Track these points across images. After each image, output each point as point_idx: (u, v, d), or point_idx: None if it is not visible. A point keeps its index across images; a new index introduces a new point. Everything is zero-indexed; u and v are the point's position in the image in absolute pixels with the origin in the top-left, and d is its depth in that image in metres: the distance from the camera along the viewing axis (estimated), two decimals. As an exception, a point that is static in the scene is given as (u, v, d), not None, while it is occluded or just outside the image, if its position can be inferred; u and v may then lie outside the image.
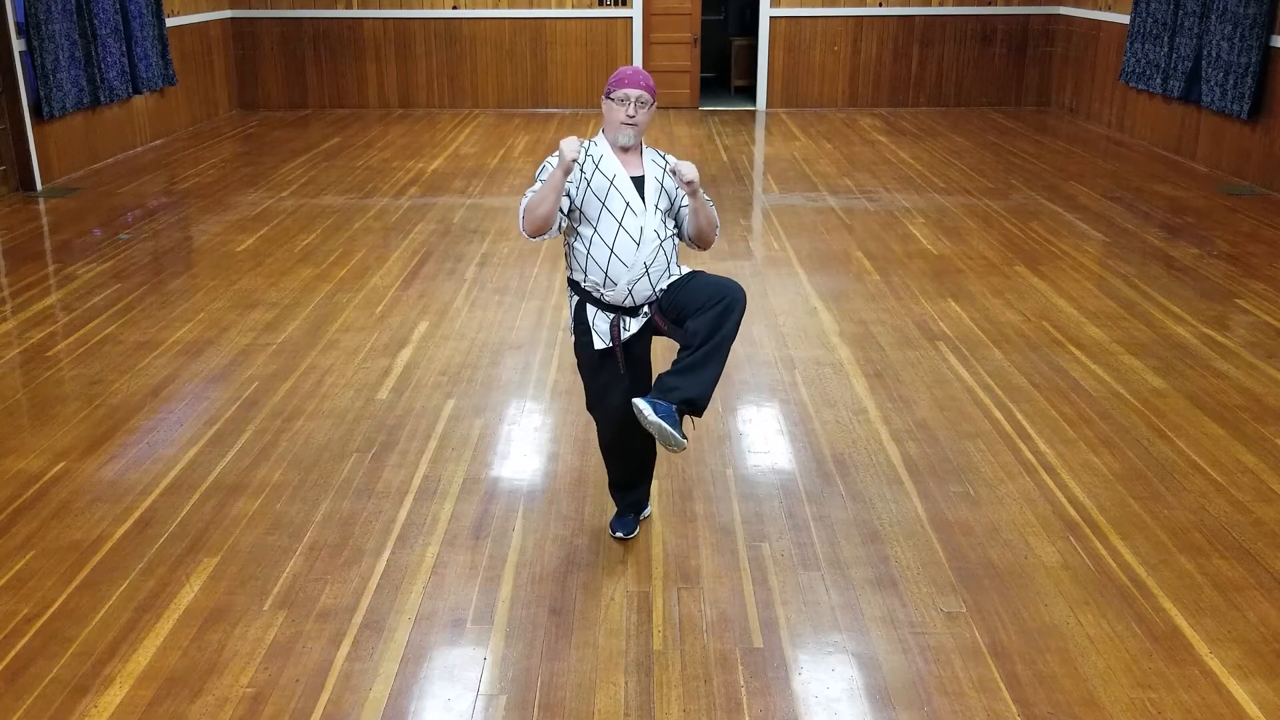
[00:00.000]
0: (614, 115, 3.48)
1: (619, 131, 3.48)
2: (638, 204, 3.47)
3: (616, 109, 3.47)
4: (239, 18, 13.43)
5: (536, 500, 4.10)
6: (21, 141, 9.06)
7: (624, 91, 3.45)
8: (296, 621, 3.37)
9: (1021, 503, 4.08)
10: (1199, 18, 9.92)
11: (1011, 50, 13.61)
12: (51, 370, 5.36)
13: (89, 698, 3.04)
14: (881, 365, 5.38)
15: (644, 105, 3.47)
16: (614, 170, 3.49)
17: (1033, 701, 3.02)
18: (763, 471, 4.34)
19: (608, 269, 3.47)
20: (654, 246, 3.46)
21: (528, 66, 13.65)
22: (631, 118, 3.46)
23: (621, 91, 3.46)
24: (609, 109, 3.49)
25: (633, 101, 3.45)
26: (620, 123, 3.47)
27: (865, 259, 7.21)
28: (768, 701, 3.02)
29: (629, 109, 3.45)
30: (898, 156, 10.69)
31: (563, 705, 3.01)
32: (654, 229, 3.47)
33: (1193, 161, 10.18)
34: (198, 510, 4.03)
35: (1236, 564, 3.68)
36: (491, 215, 8.43)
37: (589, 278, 3.52)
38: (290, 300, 6.37)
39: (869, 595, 3.50)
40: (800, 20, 13.48)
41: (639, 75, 3.49)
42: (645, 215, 3.47)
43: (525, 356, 5.51)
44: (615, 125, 3.48)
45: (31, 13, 8.99)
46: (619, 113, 3.46)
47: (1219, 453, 4.47)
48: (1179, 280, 6.72)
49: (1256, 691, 3.06)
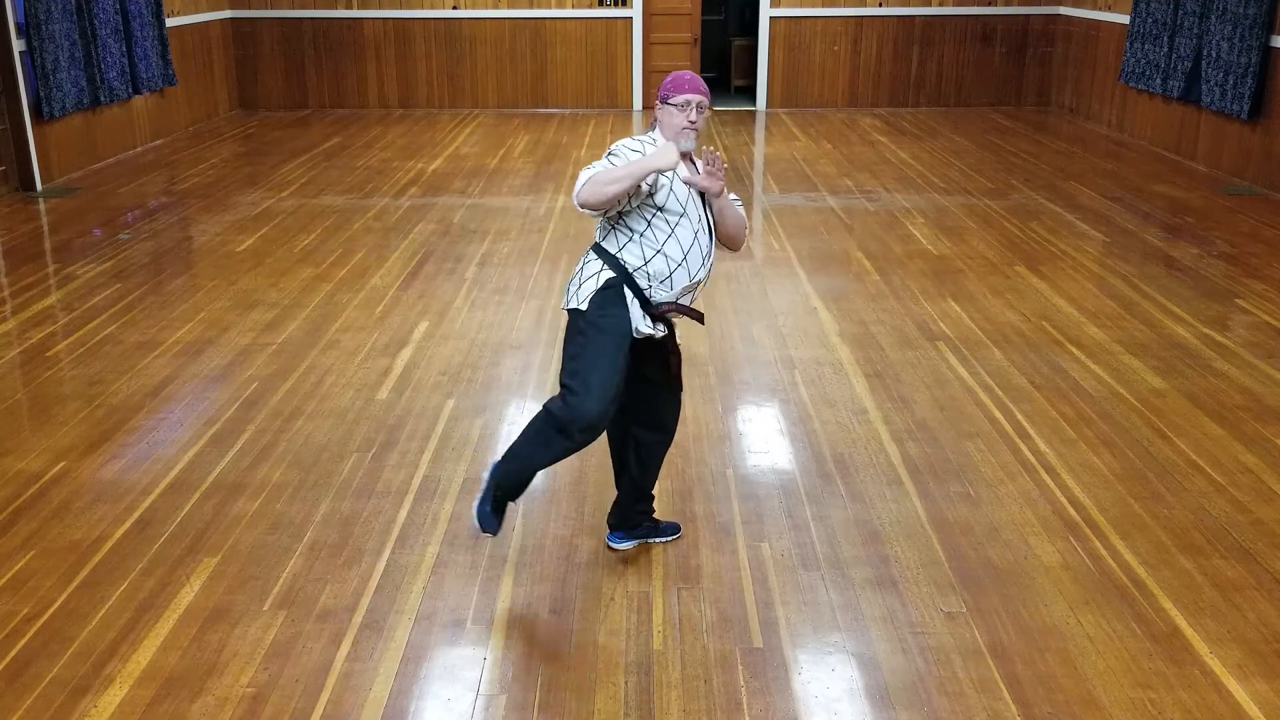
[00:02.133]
0: (674, 120, 3.43)
1: (680, 136, 3.44)
2: (706, 219, 3.48)
3: (677, 115, 3.43)
4: (239, 18, 13.44)
5: (536, 500, 4.10)
6: (21, 141, 9.06)
7: (684, 97, 3.43)
8: (296, 621, 3.37)
9: (1021, 503, 4.08)
10: (1199, 18, 9.92)
11: (1011, 50, 13.61)
12: (51, 370, 5.36)
13: (89, 698, 3.04)
14: (881, 365, 5.38)
15: (703, 110, 3.47)
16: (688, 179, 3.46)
17: (1033, 701, 3.02)
18: (763, 471, 4.34)
19: (673, 272, 3.40)
20: (700, 256, 3.45)
21: (528, 67, 13.65)
22: (694, 123, 3.43)
23: (682, 97, 3.43)
24: (668, 114, 3.45)
25: (694, 107, 3.43)
26: (682, 128, 3.44)
27: (865, 259, 7.21)
28: (768, 701, 3.02)
29: (690, 114, 3.42)
30: (898, 156, 10.70)
31: (563, 705, 3.01)
32: (694, 232, 3.44)
33: (1193, 161, 10.18)
34: (198, 510, 4.03)
35: (1236, 564, 3.68)
36: (491, 215, 8.43)
37: (650, 269, 3.39)
38: (290, 300, 6.37)
39: (869, 595, 3.50)
40: (800, 20, 13.48)
41: (697, 80, 3.48)
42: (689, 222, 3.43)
43: (525, 356, 5.51)
44: (675, 130, 3.44)
45: (31, 13, 8.99)
46: (679, 118, 3.42)
47: (1219, 453, 4.47)
48: (1179, 280, 6.72)
49: (1256, 691, 3.06)
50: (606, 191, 3.26)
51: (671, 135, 3.46)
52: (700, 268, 3.46)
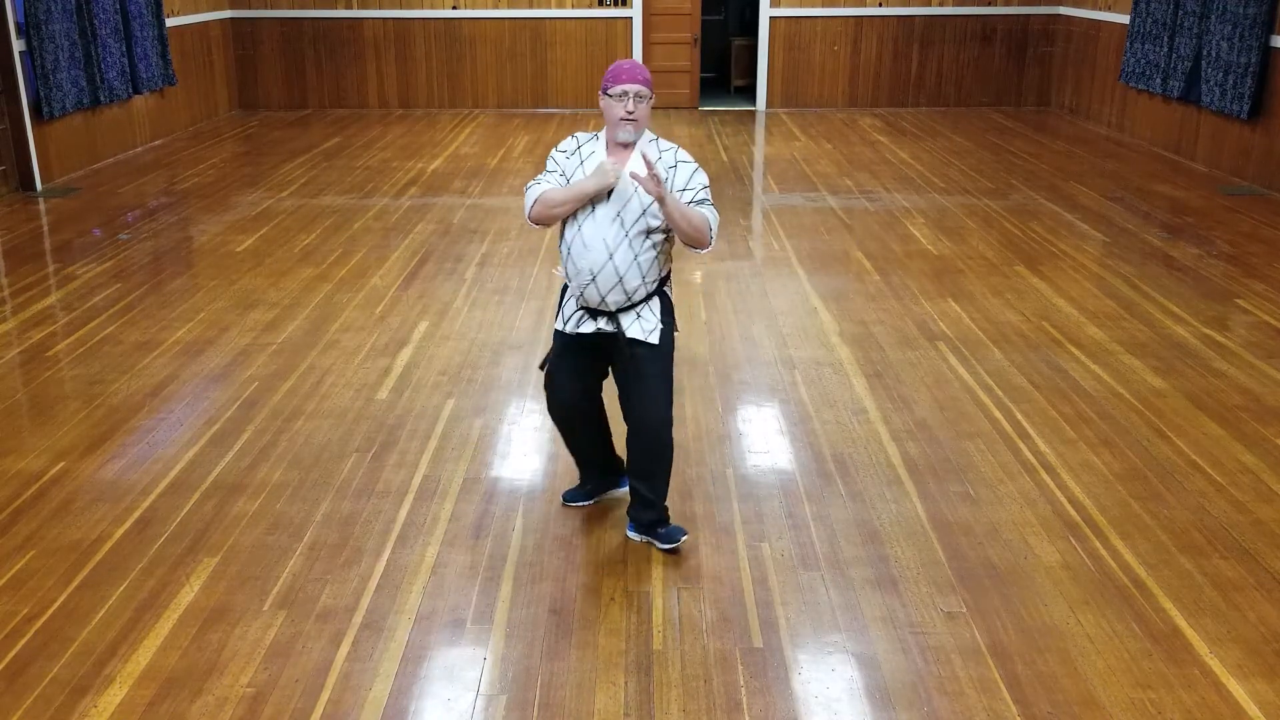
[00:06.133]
0: (613, 112, 3.43)
1: (619, 128, 3.44)
2: (599, 211, 3.45)
3: (615, 105, 3.42)
4: (239, 18, 13.44)
5: (536, 500, 4.10)
6: (21, 141, 9.06)
7: (621, 88, 3.40)
8: (296, 621, 3.37)
9: (1021, 503, 4.08)
10: (1199, 18, 9.92)
11: (1011, 50, 13.61)
12: (51, 370, 5.36)
13: (89, 698, 3.04)
14: (881, 365, 5.38)
15: (642, 99, 3.42)
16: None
17: (1033, 701, 3.02)
18: (763, 471, 4.34)
19: (567, 267, 3.53)
20: (603, 258, 3.43)
21: (528, 66, 13.65)
22: (631, 114, 3.41)
23: (619, 88, 3.40)
24: (607, 106, 3.44)
25: (631, 97, 3.40)
26: (619, 119, 3.42)
27: (865, 259, 7.21)
28: (768, 701, 3.02)
29: (628, 104, 3.40)
30: (898, 156, 10.70)
31: (563, 705, 3.01)
32: (603, 238, 3.42)
33: (1193, 161, 10.18)
34: (198, 510, 4.03)
35: (1236, 564, 3.68)
36: (491, 215, 8.43)
37: (566, 268, 3.58)
38: (290, 300, 6.37)
39: (869, 595, 3.50)
40: (800, 20, 13.48)
41: (635, 69, 3.43)
42: (594, 222, 3.44)
43: (525, 356, 5.51)
44: (614, 121, 3.44)
45: (31, 13, 8.99)
46: (617, 109, 3.42)
47: (1219, 453, 4.47)
48: (1179, 280, 6.72)
49: (1256, 691, 3.06)
50: (554, 213, 3.46)
51: (612, 128, 3.46)
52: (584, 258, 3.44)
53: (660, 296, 3.59)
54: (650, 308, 3.54)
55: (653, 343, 3.53)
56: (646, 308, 3.54)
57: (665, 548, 3.72)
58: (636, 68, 3.44)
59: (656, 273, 3.52)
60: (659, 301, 3.58)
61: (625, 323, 3.52)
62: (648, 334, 3.53)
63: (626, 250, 3.44)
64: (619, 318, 3.52)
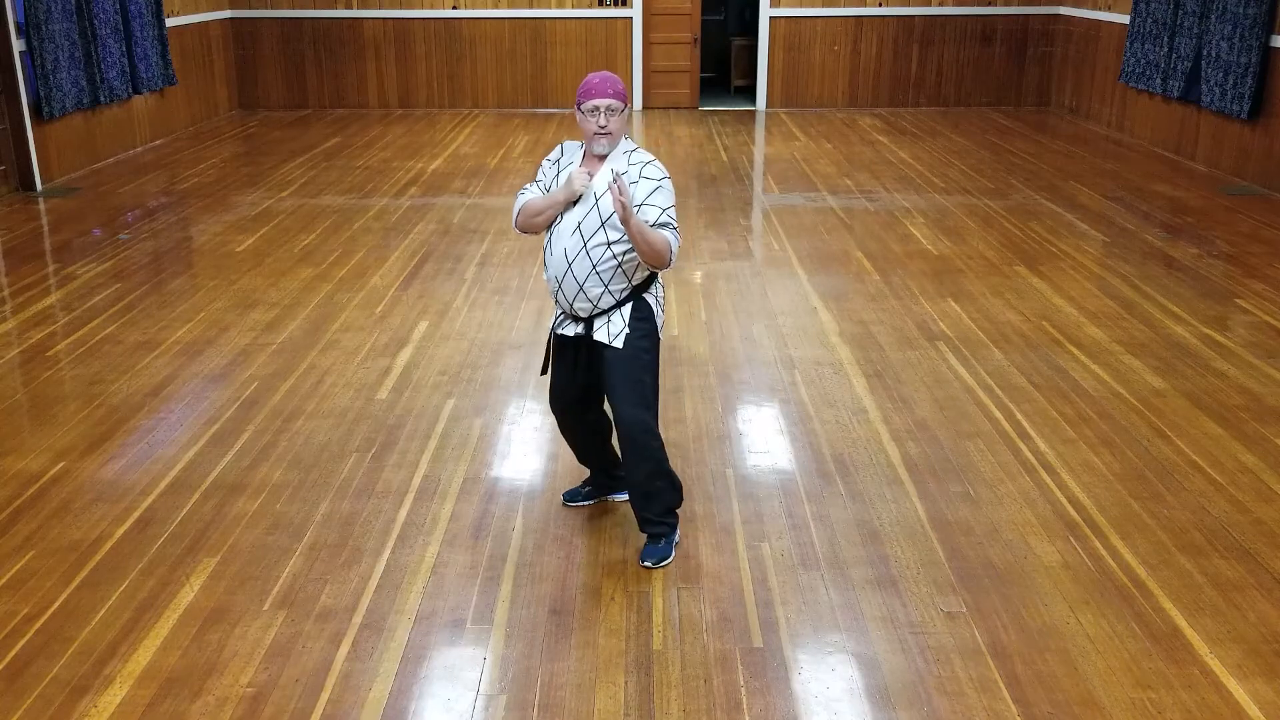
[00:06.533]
0: (586, 126, 3.51)
1: (593, 142, 3.52)
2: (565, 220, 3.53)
3: (588, 120, 3.50)
4: (239, 18, 13.43)
5: (536, 500, 4.10)
6: (21, 141, 9.06)
7: (593, 103, 3.47)
8: (296, 621, 3.37)
9: (1021, 503, 4.08)
10: (1199, 18, 9.92)
11: (1011, 50, 13.61)
12: (51, 370, 5.36)
13: (89, 698, 3.04)
14: (881, 365, 5.38)
15: (614, 113, 3.49)
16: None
17: (1033, 701, 3.02)
18: (763, 471, 4.34)
19: (549, 276, 3.62)
20: (564, 267, 3.51)
21: (528, 67, 13.65)
22: (604, 128, 3.48)
23: (590, 103, 3.48)
24: (581, 120, 3.53)
25: (603, 111, 3.47)
26: (593, 134, 3.50)
27: (865, 259, 7.21)
28: (768, 701, 3.02)
29: (599, 119, 3.47)
30: (898, 156, 10.70)
31: (563, 705, 3.01)
32: (564, 247, 3.51)
33: (1193, 161, 10.18)
34: (198, 510, 4.03)
35: (1236, 564, 3.68)
36: (491, 215, 8.43)
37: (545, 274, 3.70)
38: (290, 300, 6.37)
39: (869, 595, 3.50)
40: (800, 20, 13.48)
41: (606, 82, 3.48)
42: (560, 231, 3.53)
43: (525, 356, 5.51)
44: (589, 135, 3.52)
45: (31, 13, 8.99)
46: (590, 124, 3.49)
47: (1219, 453, 4.47)
48: (1179, 280, 6.72)
49: (1256, 691, 3.06)
50: (534, 222, 3.60)
51: (588, 141, 3.55)
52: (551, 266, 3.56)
53: (637, 301, 3.60)
54: (622, 313, 3.57)
55: (617, 346, 3.56)
56: (618, 313, 3.58)
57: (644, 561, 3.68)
58: (607, 81, 3.50)
59: (624, 281, 3.55)
60: (634, 306, 3.59)
61: (596, 326, 3.60)
62: (613, 338, 3.57)
63: (584, 259, 3.50)
64: (592, 321, 3.60)
